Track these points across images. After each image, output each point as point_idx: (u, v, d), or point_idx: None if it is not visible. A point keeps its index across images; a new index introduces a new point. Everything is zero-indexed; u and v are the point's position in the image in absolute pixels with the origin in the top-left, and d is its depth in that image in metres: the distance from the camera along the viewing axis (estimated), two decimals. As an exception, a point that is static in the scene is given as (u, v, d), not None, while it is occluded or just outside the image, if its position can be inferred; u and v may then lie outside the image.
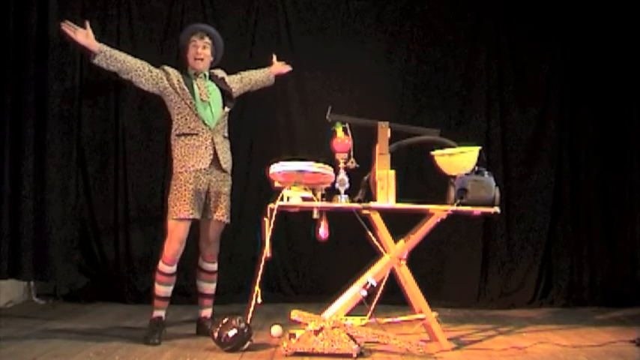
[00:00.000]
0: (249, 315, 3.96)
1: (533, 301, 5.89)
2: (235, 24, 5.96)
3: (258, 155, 5.76)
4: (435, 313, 4.17)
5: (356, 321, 3.92)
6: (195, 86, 4.32)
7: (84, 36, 4.12)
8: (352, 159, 4.12)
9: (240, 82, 4.63)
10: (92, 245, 5.88)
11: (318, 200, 4.06)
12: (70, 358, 3.76)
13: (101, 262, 5.88)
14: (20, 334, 4.40)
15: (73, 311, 5.32)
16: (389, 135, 4.20)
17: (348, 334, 3.79)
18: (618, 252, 5.96)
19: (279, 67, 4.92)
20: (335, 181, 4.09)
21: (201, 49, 4.35)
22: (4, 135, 5.31)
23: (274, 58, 4.92)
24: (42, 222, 5.48)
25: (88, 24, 4.15)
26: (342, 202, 4.09)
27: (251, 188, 5.82)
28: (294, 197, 4.03)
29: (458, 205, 4.13)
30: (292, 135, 5.99)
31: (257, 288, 3.94)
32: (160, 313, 4.30)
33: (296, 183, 4.03)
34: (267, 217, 3.98)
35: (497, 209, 4.18)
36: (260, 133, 5.91)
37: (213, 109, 4.34)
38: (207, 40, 4.38)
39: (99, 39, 4.20)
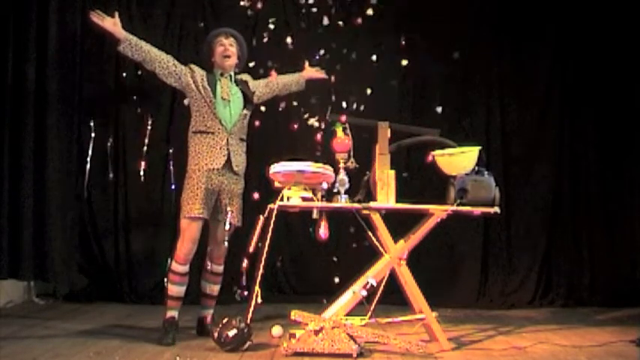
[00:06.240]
0: (249, 315, 3.96)
1: (533, 301, 5.89)
2: (234, 24, 5.95)
3: (258, 155, 5.76)
4: (435, 313, 4.17)
5: (356, 321, 3.92)
6: (218, 85, 4.32)
7: (111, 23, 4.18)
8: (352, 159, 4.13)
9: (266, 86, 4.61)
10: (92, 245, 5.88)
11: (318, 200, 4.06)
12: (70, 358, 3.76)
13: (101, 262, 5.88)
14: (20, 334, 4.39)
15: (73, 311, 5.32)
16: (389, 135, 4.20)
17: (348, 334, 3.79)
18: (618, 252, 5.95)
19: (313, 73, 4.85)
20: (335, 181, 4.09)
21: (229, 46, 4.37)
22: (4, 135, 5.31)
23: (307, 63, 4.86)
24: (42, 222, 5.47)
25: (117, 14, 4.21)
26: (342, 202, 4.09)
27: (251, 188, 5.81)
28: (294, 197, 4.03)
29: (458, 205, 4.13)
30: (292, 135, 5.98)
31: (257, 288, 3.94)
32: (172, 313, 4.28)
33: (296, 183, 4.03)
34: (263, 215, 3.98)
35: (497, 209, 4.18)
36: (260, 133, 5.90)
37: (233, 111, 4.32)
38: (232, 39, 4.41)
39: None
